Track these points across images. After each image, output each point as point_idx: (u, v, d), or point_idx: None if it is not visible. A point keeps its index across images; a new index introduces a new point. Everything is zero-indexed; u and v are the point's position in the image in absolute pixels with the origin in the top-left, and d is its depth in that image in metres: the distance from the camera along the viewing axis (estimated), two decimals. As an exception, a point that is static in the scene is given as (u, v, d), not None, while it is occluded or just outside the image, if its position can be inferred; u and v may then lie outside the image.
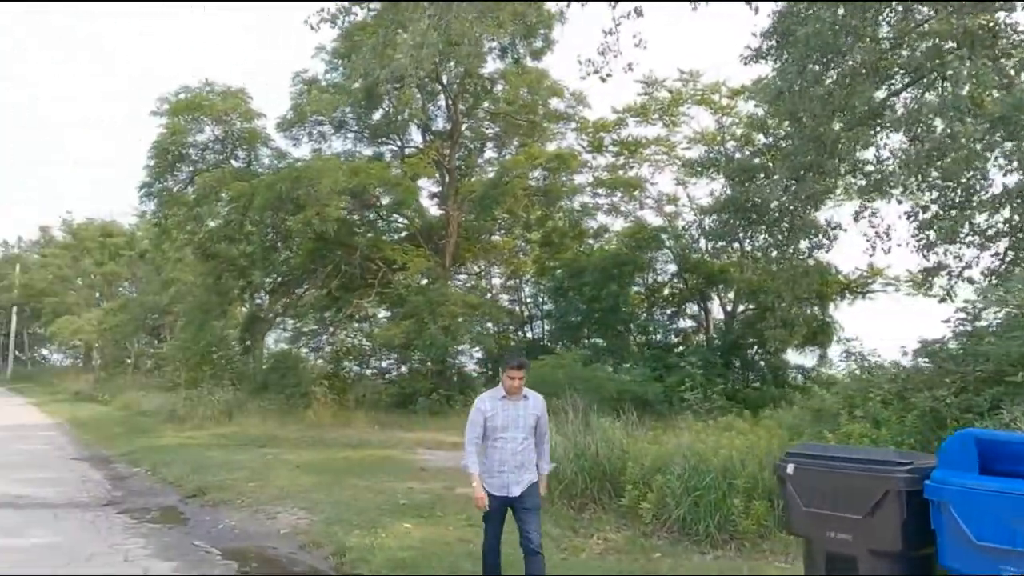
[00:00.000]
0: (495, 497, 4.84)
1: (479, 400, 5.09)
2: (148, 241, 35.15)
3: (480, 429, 4.91)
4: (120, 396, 26.14)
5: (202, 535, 7.24)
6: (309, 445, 13.77)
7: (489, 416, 4.91)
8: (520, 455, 4.89)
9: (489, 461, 4.91)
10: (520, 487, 4.88)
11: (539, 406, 5.07)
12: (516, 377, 4.90)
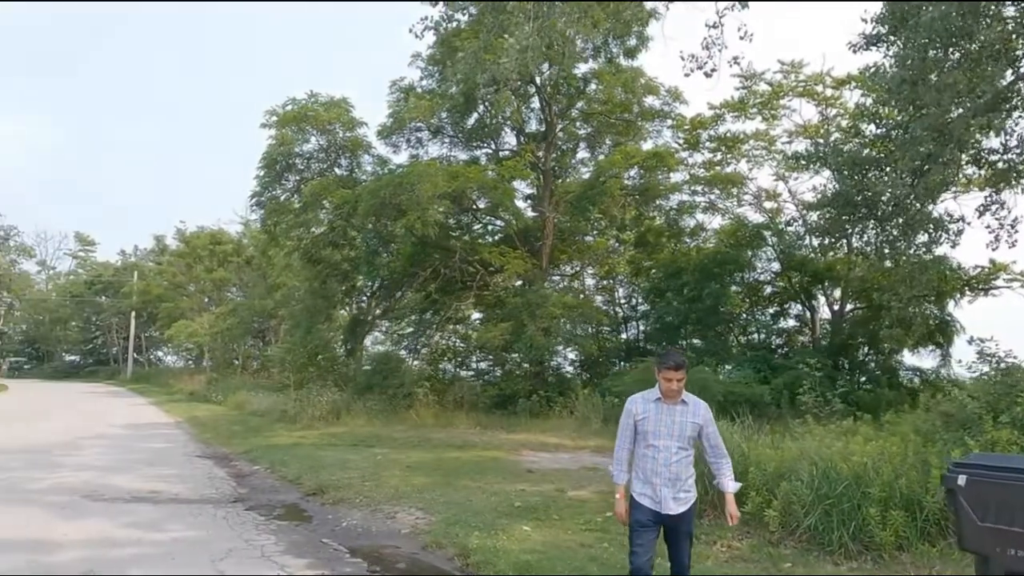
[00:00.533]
0: (645, 509, 4.32)
1: (630, 401, 4.52)
2: (254, 248, 36.85)
3: (630, 433, 4.45)
4: (232, 396, 27.39)
5: (327, 533, 7.46)
6: (415, 445, 14.03)
7: (640, 419, 4.40)
8: (675, 467, 4.31)
9: (640, 470, 4.41)
10: (680, 505, 4.32)
11: (701, 414, 4.44)
12: (673, 378, 4.29)
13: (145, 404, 30.30)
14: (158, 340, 63.37)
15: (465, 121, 21.99)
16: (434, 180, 16.06)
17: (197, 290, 41.38)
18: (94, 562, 5.96)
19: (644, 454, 4.40)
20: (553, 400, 17.83)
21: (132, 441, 15.80)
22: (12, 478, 10.07)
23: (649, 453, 4.37)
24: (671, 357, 4.38)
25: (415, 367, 21.49)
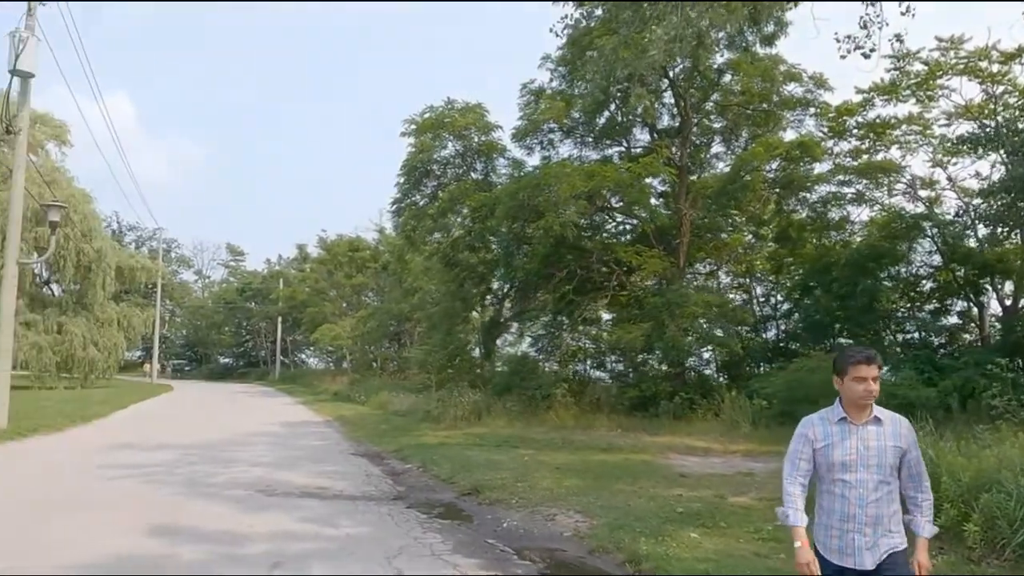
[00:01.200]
0: (831, 566, 3.28)
1: (805, 424, 3.42)
2: (389, 254, 38.22)
3: (807, 465, 3.36)
4: (374, 397, 28.50)
5: (490, 533, 7.50)
6: (559, 447, 13.99)
7: (821, 447, 3.31)
8: (875, 507, 3.23)
9: (825, 514, 3.35)
10: (875, 556, 3.23)
11: (904, 434, 3.32)
12: (868, 376, 3.25)
13: (294, 403, 32.10)
14: (302, 343, 67.11)
15: (596, 120, 21.81)
16: (571, 180, 15.99)
17: (338, 295, 43.40)
18: (280, 555, 6.24)
19: (830, 492, 3.33)
20: (696, 402, 17.30)
21: (291, 439, 16.70)
22: (194, 472, 10.84)
23: (837, 491, 3.29)
24: (859, 351, 3.34)
25: (550, 369, 21.50)
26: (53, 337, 37.16)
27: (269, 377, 60.45)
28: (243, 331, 75.67)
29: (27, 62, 15.91)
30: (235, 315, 72.08)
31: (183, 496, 8.87)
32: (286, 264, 73.93)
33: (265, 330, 68.18)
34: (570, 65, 20.99)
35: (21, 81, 16.27)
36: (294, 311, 49.37)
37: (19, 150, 16.39)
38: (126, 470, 10.78)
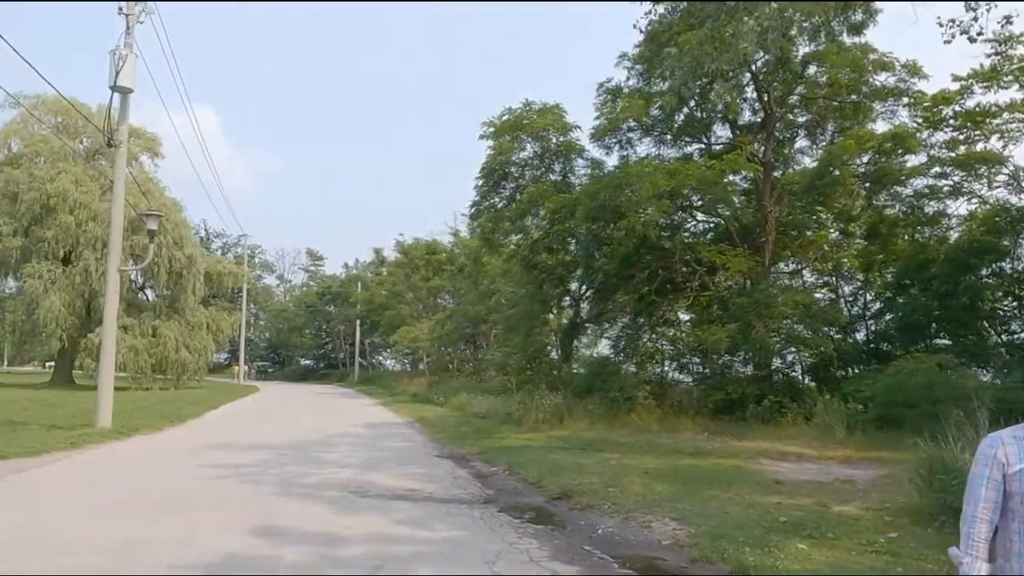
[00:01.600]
0: None
1: (991, 442, 2.57)
2: (465, 257, 38.55)
3: (993, 494, 2.52)
4: (452, 398, 28.73)
5: (586, 540, 7.37)
6: (645, 451, 13.73)
7: (1015, 472, 2.47)
8: None
9: (1015, 553, 2.50)
10: None
11: None
12: None
13: (374, 405, 32.69)
14: (380, 345, 68.42)
15: (674, 118, 21.41)
16: (653, 179, 15.70)
17: (415, 298, 44.01)
18: (381, 558, 6.27)
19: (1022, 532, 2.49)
20: (785, 406, 16.72)
21: (375, 440, 16.96)
22: (288, 473, 11.09)
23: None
24: None
25: (630, 370, 21.19)
26: (148, 340, 38.95)
27: (348, 379, 61.87)
28: (323, 334, 77.73)
29: (126, 78, 16.68)
30: (315, 318, 74.09)
31: (281, 496, 9.07)
32: (363, 268, 75.68)
33: (344, 332, 69.81)
34: (648, 62, 20.67)
35: (121, 96, 17.06)
36: (372, 314, 50.38)
37: (119, 162, 17.20)
38: (224, 470, 11.12)
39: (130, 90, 16.91)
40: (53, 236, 37.95)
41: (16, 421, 18.82)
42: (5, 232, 38.17)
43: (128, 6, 17.05)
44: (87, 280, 37.80)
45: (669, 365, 23.81)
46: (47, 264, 38.00)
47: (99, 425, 16.55)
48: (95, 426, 16.52)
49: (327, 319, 73.49)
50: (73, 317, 37.87)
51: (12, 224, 38.39)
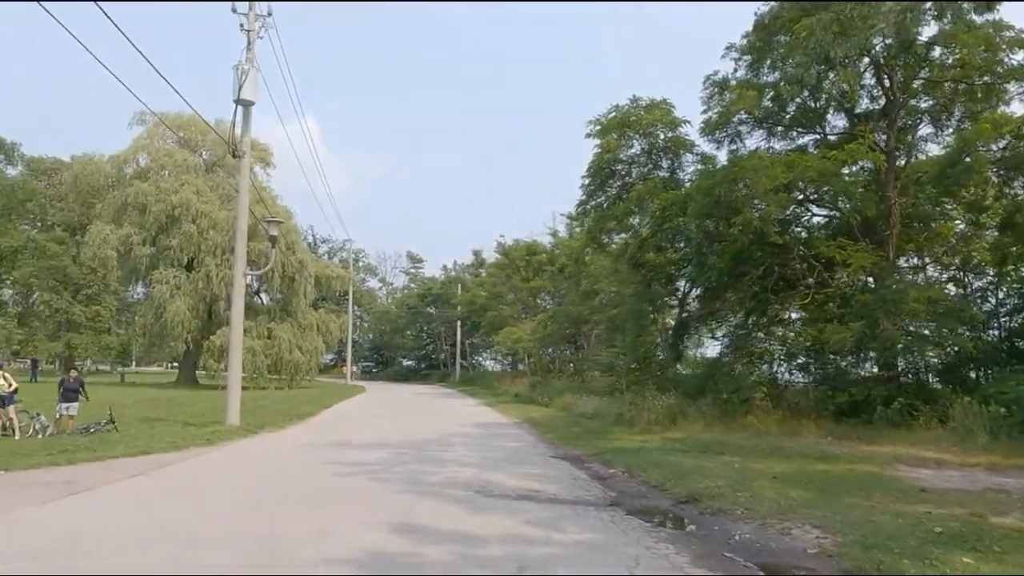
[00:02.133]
0: None
1: None
2: (566, 257, 38.44)
3: None
4: (557, 399, 28.69)
5: (724, 546, 7.12)
6: (768, 454, 13.22)
7: None
8: None
9: None
10: None
11: None
12: None
13: (479, 405, 33.04)
14: (480, 346, 69.26)
15: (786, 108, 20.58)
16: (770, 172, 15.11)
17: (515, 299, 44.24)
18: (522, 559, 6.25)
19: None
20: (917, 408, 15.75)
21: (487, 440, 17.09)
22: (411, 471, 11.30)
23: None
24: None
25: (743, 371, 20.50)
26: (264, 342, 40.84)
27: (449, 379, 62.94)
28: (424, 335, 79.39)
29: (248, 91, 17.49)
30: (416, 320, 75.74)
31: (410, 494, 9.22)
32: (461, 270, 76.89)
33: (444, 333, 71.07)
34: (757, 52, 19.98)
35: (243, 109, 17.89)
36: (473, 315, 51.00)
37: (243, 171, 18.06)
38: (351, 468, 11.45)
39: (252, 102, 17.72)
40: (178, 244, 40.42)
41: (152, 418, 20.10)
42: (135, 241, 40.90)
43: (249, 22, 17.87)
44: (208, 285, 40.01)
45: (781, 365, 22.90)
46: (172, 271, 40.49)
47: (228, 423, 17.42)
48: (225, 424, 17.40)
49: (428, 320, 75.02)
50: (196, 320, 40.17)
51: (142, 234, 41.11)
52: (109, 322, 54.74)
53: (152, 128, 45.45)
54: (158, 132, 45.27)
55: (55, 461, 11.37)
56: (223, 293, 40.56)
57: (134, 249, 40.84)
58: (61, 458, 11.61)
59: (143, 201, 40.84)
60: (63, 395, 16.85)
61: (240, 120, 17.77)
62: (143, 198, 40.84)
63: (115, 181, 45.31)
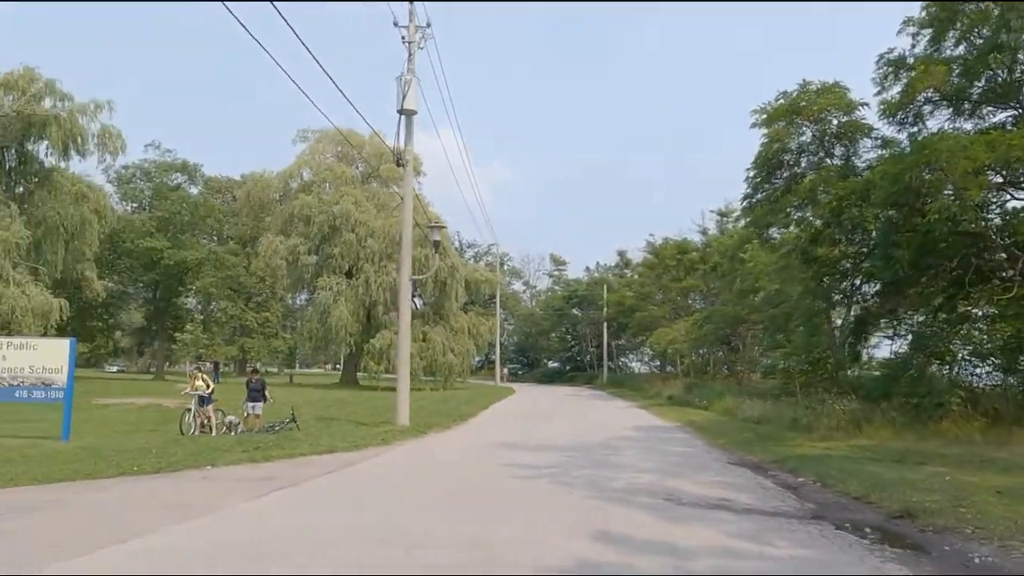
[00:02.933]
0: None
1: None
2: (719, 255, 37.05)
3: None
4: (717, 402, 27.62)
5: (958, 567, 6.37)
6: (979, 466, 11.90)
7: None
8: None
9: None
10: None
11: None
12: None
13: (632, 407, 32.44)
14: (626, 347, 68.41)
15: (975, 82, 18.64)
16: (970, 152, 13.64)
17: (665, 299, 43.22)
18: (733, 571, 5.86)
19: None
20: None
21: (655, 444, 16.61)
22: (589, 476, 11.08)
23: None
24: None
25: (936, 372, 18.75)
26: (419, 345, 42.21)
27: (596, 381, 62.48)
28: (568, 337, 79.46)
29: (411, 101, 18.02)
30: (562, 322, 75.93)
31: (597, 500, 8.99)
32: (604, 271, 76.35)
33: (590, 335, 70.77)
34: (940, 24, 18.27)
35: (406, 119, 18.45)
36: (621, 316, 50.33)
37: (407, 179, 18.64)
38: (528, 470, 11.40)
39: (415, 112, 18.24)
40: (339, 252, 42.69)
41: (325, 417, 21.17)
42: (301, 251, 43.59)
43: (410, 34, 18.41)
44: (367, 291, 41.94)
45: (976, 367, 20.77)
46: (335, 278, 42.80)
47: (399, 423, 17.99)
48: (395, 424, 17.98)
49: (573, 322, 74.99)
50: (357, 324, 42.20)
51: (307, 244, 43.77)
52: (276, 327, 58.73)
53: (313, 144, 48.42)
54: (319, 148, 48.17)
55: (252, 458, 12.10)
56: (381, 298, 42.42)
57: (300, 258, 43.52)
58: (257, 455, 12.34)
59: (307, 213, 43.45)
60: (249, 395, 18.02)
61: (403, 130, 18.37)
62: (307, 210, 43.44)
63: (282, 195, 48.56)
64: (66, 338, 15.43)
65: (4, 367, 13.79)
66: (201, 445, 13.70)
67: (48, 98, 31.55)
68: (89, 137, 32.71)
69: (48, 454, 12.16)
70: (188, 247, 49.14)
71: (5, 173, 34.45)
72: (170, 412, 21.05)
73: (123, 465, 10.64)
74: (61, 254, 34.27)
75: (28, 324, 28.79)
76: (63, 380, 13.77)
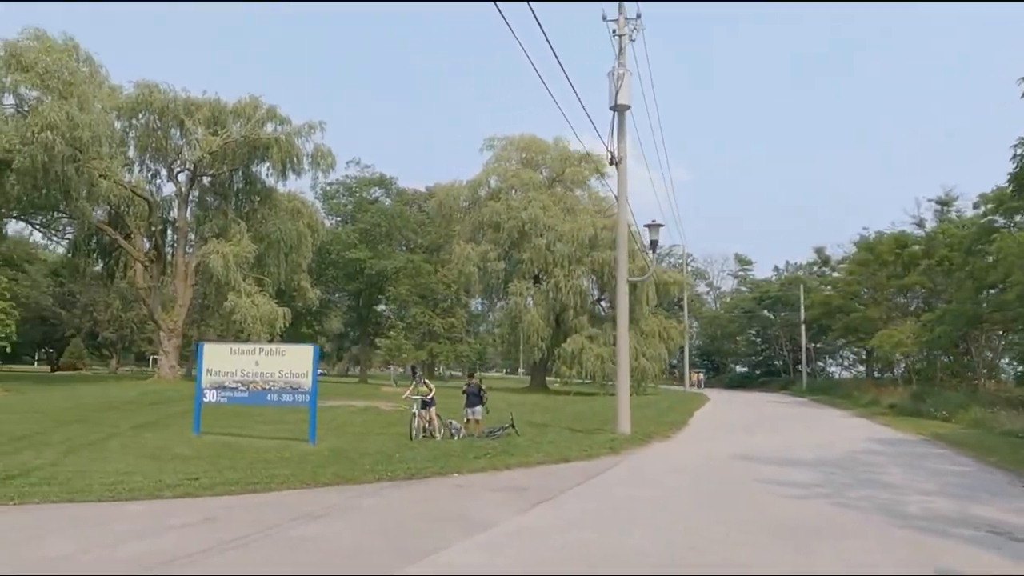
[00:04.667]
0: None
1: None
2: (948, 248, 33.15)
3: None
4: (960, 413, 24.53)
5: None
6: None
7: None
8: None
9: None
10: None
11: None
12: None
13: (851, 416, 29.74)
14: (824, 351, 63.73)
15: None
16: None
17: (878, 297, 39.44)
18: None
19: None
20: None
21: (911, 460, 14.73)
22: (869, 497, 9.74)
23: None
24: None
25: None
26: (610, 349, 41.44)
27: (793, 387, 58.56)
28: (757, 340, 75.46)
29: (623, 96, 17.34)
30: (751, 323, 72.24)
31: (906, 530, 7.74)
32: (795, 269, 71.70)
33: (783, 337, 66.67)
34: None
35: (618, 115, 17.78)
36: (824, 317, 46.68)
37: (621, 177, 17.96)
38: (792, 488, 10.28)
39: (628, 107, 17.54)
40: (528, 257, 42.92)
41: (535, 423, 20.92)
42: (491, 257, 44.30)
43: (620, 27, 17.76)
44: (557, 295, 41.80)
45: None
46: (524, 283, 43.08)
47: (619, 430, 17.32)
48: (616, 431, 17.32)
49: (763, 325, 71.04)
50: (548, 328, 42.19)
51: (496, 250, 44.43)
52: (461, 332, 60.42)
53: (499, 152, 49.17)
54: (504, 155, 48.84)
55: (493, 465, 11.86)
56: (571, 303, 42.14)
57: (490, 264, 44.26)
58: (496, 462, 12.10)
59: (496, 219, 44.10)
60: (468, 399, 18.03)
61: (616, 126, 17.69)
62: (496, 216, 44.10)
63: (469, 203, 49.74)
64: (309, 344, 16.20)
65: (257, 372, 14.65)
66: (434, 450, 13.74)
67: (270, 123, 34.19)
68: (304, 156, 35.07)
69: (301, 456, 12.65)
70: (386, 257, 51.71)
71: (233, 194, 37.85)
72: (388, 415, 21.77)
73: (377, 470, 10.75)
74: (282, 266, 37.06)
75: (257, 331, 31.28)
76: (308, 384, 14.38)
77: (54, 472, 10.05)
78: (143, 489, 8.98)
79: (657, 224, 17.95)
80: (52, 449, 12.47)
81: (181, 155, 35.22)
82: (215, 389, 14.97)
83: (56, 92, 27.59)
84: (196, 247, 35.73)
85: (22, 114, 28.75)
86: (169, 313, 34.61)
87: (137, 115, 33.97)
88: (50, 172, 28.13)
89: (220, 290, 33.91)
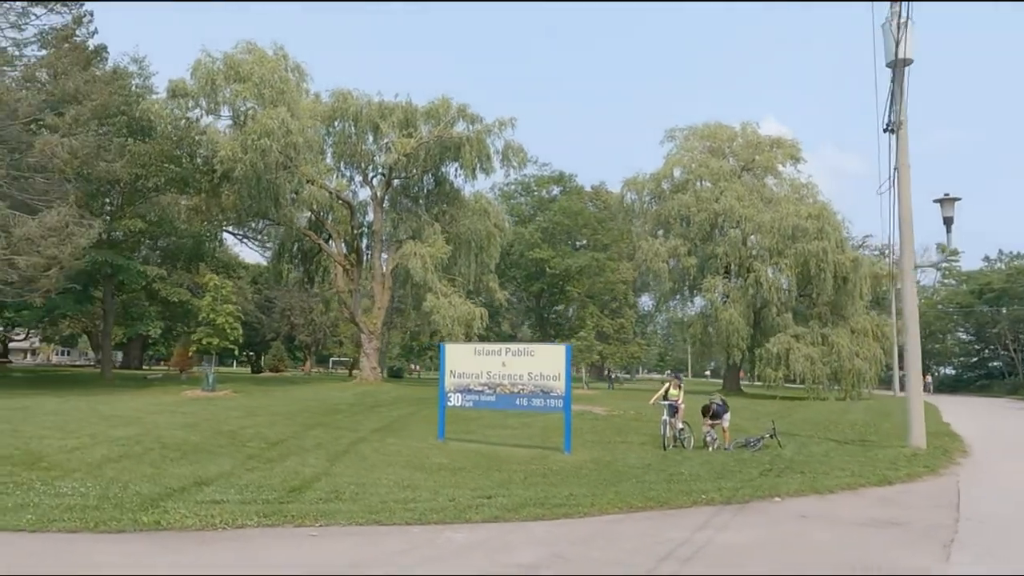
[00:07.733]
0: None
1: None
2: None
3: None
4: None
5: None
6: None
7: None
8: None
9: None
10: None
11: None
12: None
13: None
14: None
15: None
16: None
17: None
18: None
19: None
20: None
21: None
22: None
23: None
24: None
25: None
26: (819, 349, 37.75)
27: None
28: (973, 338, 67.47)
29: (904, 49, 14.70)
30: (967, 320, 64.71)
31: None
32: (1011, 258, 64.01)
33: (1008, 336, 58.89)
34: None
35: (896, 72, 15.12)
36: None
37: (901, 145, 15.26)
38: None
39: (910, 61, 14.85)
40: (722, 251, 40.02)
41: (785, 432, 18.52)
42: (682, 252, 41.80)
43: (897, -28, 15.07)
44: (758, 291, 38.64)
45: None
46: (719, 278, 40.20)
47: (912, 443, 14.69)
48: (908, 445, 14.70)
49: (980, 322, 63.21)
50: (748, 327, 39.12)
51: (686, 244, 41.86)
52: (629, 333, 58.25)
53: (681, 142, 46.53)
54: (686, 145, 46.12)
55: (815, 488, 9.87)
56: (773, 299, 38.88)
57: (681, 260, 41.83)
58: (816, 484, 10.10)
59: (685, 212, 41.63)
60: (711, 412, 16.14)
61: (897, 87, 15.01)
62: (685, 209, 41.63)
63: (652, 197, 47.41)
64: (561, 344, 14.87)
65: (504, 374, 13.49)
66: (704, 464, 12.00)
67: (460, 122, 33.84)
68: (494, 154, 34.41)
69: (571, 469, 11.31)
70: (569, 255, 50.56)
71: (423, 195, 38.02)
72: (609, 420, 20.45)
73: (693, 493, 9.09)
74: (472, 267, 36.70)
75: (456, 333, 30.87)
76: (561, 388, 13.01)
77: (333, 484, 9.26)
78: (444, 510, 7.87)
79: (952, 198, 15.06)
80: (312, 455, 11.90)
81: (374, 159, 35.74)
82: (460, 392, 14.01)
83: (269, 101, 28.46)
84: (392, 249, 36.10)
85: (238, 125, 30.01)
86: (369, 315, 35.13)
87: (333, 122, 34.82)
88: (262, 180, 29.15)
89: (418, 292, 33.97)
